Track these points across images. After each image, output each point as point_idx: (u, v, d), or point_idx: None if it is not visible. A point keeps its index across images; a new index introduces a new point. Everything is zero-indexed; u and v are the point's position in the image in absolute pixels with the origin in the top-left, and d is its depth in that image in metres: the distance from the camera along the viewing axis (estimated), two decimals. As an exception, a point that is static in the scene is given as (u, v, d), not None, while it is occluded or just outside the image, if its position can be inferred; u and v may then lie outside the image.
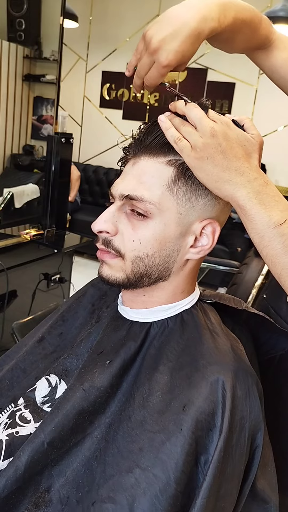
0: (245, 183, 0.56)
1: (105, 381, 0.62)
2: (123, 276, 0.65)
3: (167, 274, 0.65)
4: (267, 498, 0.61)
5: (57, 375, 0.70)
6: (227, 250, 3.90)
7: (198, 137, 0.56)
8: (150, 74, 0.62)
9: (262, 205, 0.55)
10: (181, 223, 0.62)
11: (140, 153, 0.62)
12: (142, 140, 0.62)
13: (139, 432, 0.57)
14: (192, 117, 0.57)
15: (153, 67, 0.61)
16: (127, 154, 0.66)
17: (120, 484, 0.54)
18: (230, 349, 0.65)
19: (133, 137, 0.65)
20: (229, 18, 0.63)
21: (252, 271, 2.26)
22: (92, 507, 0.54)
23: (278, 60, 0.74)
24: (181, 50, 0.59)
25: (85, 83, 4.97)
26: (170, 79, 4.59)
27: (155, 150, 0.61)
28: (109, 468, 0.56)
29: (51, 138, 2.11)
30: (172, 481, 0.52)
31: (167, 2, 4.35)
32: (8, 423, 0.67)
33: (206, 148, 0.56)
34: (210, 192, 0.61)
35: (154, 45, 0.59)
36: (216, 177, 0.57)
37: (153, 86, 0.63)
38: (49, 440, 0.59)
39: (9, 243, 1.95)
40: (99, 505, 0.54)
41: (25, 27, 2.65)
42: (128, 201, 0.62)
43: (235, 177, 0.56)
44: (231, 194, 0.57)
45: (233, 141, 0.57)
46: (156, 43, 0.59)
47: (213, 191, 0.59)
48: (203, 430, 0.55)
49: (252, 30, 0.69)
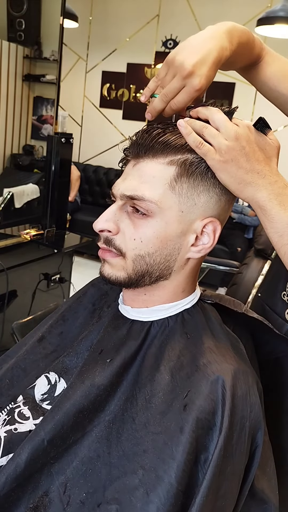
0: (267, 185, 0.59)
1: (106, 380, 0.62)
2: (124, 275, 0.65)
3: (168, 273, 0.65)
4: (266, 498, 0.61)
5: (57, 373, 0.70)
6: (227, 250, 3.90)
7: (222, 139, 0.59)
8: (179, 98, 0.63)
9: (282, 206, 0.58)
10: (182, 221, 0.63)
11: (140, 154, 0.63)
12: (141, 142, 0.63)
13: (143, 434, 0.58)
14: (215, 120, 0.60)
15: (183, 92, 0.63)
16: (127, 155, 0.66)
17: (125, 486, 0.54)
18: (230, 349, 0.65)
19: (132, 139, 0.65)
20: (234, 44, 0.67)
21: (252, 271, 2.26)
22: (98, 508, 0.55)
23: (267, 73, 0.79)
24: (210, 75, 0.62)
25: (85, 83, 4.97)
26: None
27: (155, 152, 0.62)
28: (114, 470, 0.57)
29: (51, 138, 2.11)
30: (174, 481, 0.52)
31: (167, 2, 4.36)
32: (7, 420, 0.67)
33: (230, 151, 0.58)
34: (212, 188, 0.62)
35: (188, 69, 0.61)
36: (239, 179, 0.60)
37: (179, 110, 0.65)
38: (49, 438, 0.59)
39: (9, 243, 1.95)
40: (105, 507, 0.54)
41: (25, 27, 2.65)
42: (129, 200, 0.63)
43: (257, 180, 0.59)
44: (252, 195, 0.60)
45: (255, 145, 0.60)
46: (190, 67, 0.61)
47: (235, 192, 0.61)
48: (203, 429, 0.56)
49: (249, 51, 0.74)
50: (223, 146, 0.58)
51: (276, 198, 0.59)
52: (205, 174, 0.62)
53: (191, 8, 4.26)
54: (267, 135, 0.61)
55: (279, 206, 0.58)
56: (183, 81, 0.62)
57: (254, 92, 4.20)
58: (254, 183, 0.59)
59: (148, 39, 4.52)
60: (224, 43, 0.65)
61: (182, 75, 0.61)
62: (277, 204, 0.58)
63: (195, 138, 0.60)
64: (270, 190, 0.59)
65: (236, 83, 4.24)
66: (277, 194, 0.59)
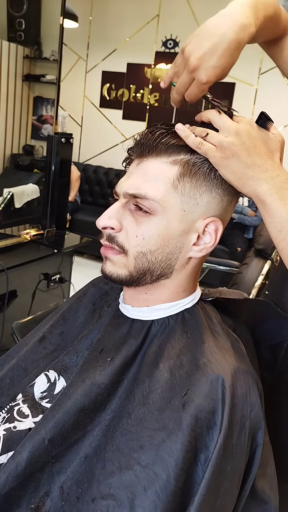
0: (268, 179, 0.59)
1: (106, 379, 0.62)
2: (126, 273, 0.65)
3: (170, 271, 0.66)
4: (267, 498, 0.61)
5: (56, 371, 0.70)
6: (227, 250, 3.90)
7: (223, 137, 0.59)
8: (190, 91, 0.63)
9: (282, 200, 0.58)
10: (184, 220, 0.63)
11: (144, 154, 0.64)
12: (145, 142, 0.63)
13: (139, 429, 0.57)
14: (216, 120, 0.60)
15: (193, 85, 0.62)
16: (131, 155, 0.67)
17: (121, 481, 0.54)
18: (230, 348, 0.65)
19: (136, 139, 0.66)
20: (260, 18, 0.64)
21: (252, 271, 2.26)
22: (92, 503, 0.55)
23: None
24: (220, 65, 0.61)
25: (85, 83, 4.97)
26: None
27: (159, 151, 0.63)
28: (108, 465, 0.57)
29: (51, 138, 2.11)
30: (172, 478, 0.53)
31: (167, 2, 4.36)
32: (6, 418, 0.67)
33: (231, 146, 0.59)
34: (214, 188, 0.63)
35: (193, 63, 0.60)
36: (240, 173, 0.60)
37: (194, 101, 0.65)
38: (50, 436, 0.59)
39: (9, 243, 1.95)
40: (99, 501, 0.54)
41: (25, 27, 2.66)
42: (132, 198, 0.63)
43: (258, 174, 0.59)
44: (254, 189, 0.60)
45: (257, 139, 0.60)
46: (195, 61, 0.60)
47: (237, 187, 0.61)
48: (203, 428, 0.56)
49: (275, 24, 0.70)
50: (224, 142, 0.59)
51: (276, 192, 0.58)
52: (208, 175, 0.62)
53: (191, 8, 4.26)
54: (269, 129, 0.62)
55: (279, 201, 0.58)
56: (191, 75, 0.61)
57: (254, 92, 4.20)
58: (255, 177, 0.59)
59: (148, 39, 4.52)
60: (246, 20, 0.61)
61: (189, 69, 0.61)
62: (277, 198, 0.58)
63: (194, 139, 0.60)
64: (271, 184, 0.59)
65: (236, 83, 4.24)
66: (278, 188, 0.58)
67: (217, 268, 2.59)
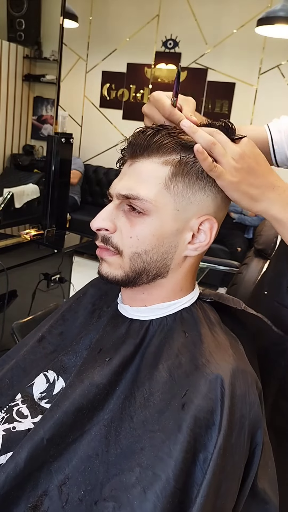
0: (277, 197, 0.62)
1: (105, 379, 0.63)
2: (122, 273, 0.65)
3: (165, 271, 0.66)
4: (268, 498, 0.61)
5: (55, 371, 0.71)
6: (227, 250, 3.90)
7: (231, 159, 0.60)
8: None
9: None
10: (178, 219, 0.63)
11: (136, 154, 0.64)
12: (137, 142, 0.63)
13: (141, 432, 0.58)
14: (219, 140, 0.61)
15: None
16: (124, 156, 0.67)
17: (122, 483, 0.54)
18: (229, 348, 0.65)
19: (128, 140, 0.66)
20: None
21: (252, 271, 2.26)
22: (95, 506, 0.55)
23: None
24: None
25: (85, 83, 4.97)
26: (170, 79, 4.57)
27: (150, 151, 0.63)
28: (112, 468, 0.57)
29: (51, 138, 2.10)
30: (172, 479, 0.53)
31: (167, 2, 4.35)
32: (5, 418, 0.67)
33: (239, 171, 0.60)
34: (208, 187, 0.63)
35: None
36: (250, 195, 0.62)
37: None
38: (49, 436, 0.59)
39: (9, 243, 1.95)
40: (102, 504, 0.54)
41: (25, 27, 2.65)
42: (126, 199, 0.63)
43: (268, 193, 0.62)
44: (265, 210, 0.64)
45: (259, 157, 0.62)
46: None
47: (246, 208, 0.63)
48: (202, 428, 0.56)
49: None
50: (233, 168, 0.60)
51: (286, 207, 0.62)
52: (201, 173, 0.62)
53: (191, 8, 4.26)
54: None
55: None
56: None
57: (254, 92, 4.20)
58: (265, 197, 0.62)
59: (148, 39, 4.52)
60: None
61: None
62: None
63: (210, 163, 0.59)
64: (281, 201, 0.62)
65: (236, 83, 4.24)
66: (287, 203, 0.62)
67: (217, 268, 2.59)
